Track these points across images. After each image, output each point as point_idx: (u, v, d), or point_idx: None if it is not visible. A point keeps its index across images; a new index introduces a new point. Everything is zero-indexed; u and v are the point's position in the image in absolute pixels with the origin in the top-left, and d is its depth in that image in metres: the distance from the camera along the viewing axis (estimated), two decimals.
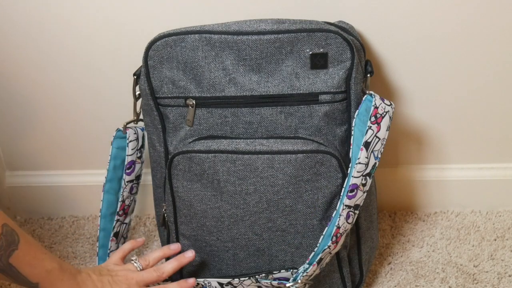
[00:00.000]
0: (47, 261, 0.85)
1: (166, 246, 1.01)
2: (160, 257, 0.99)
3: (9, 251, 0.80)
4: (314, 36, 0.93)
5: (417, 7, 1.06)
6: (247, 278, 0.98)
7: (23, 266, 0.82)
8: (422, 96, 1.15)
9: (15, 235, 0.82)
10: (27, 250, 0.83)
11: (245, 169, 0.95)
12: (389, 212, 1.27)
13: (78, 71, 1.17)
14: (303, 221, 0.98)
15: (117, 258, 0.99)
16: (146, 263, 0.97)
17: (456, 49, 1.10)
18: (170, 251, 1.00)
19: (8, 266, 0.81)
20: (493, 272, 1.12)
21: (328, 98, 0.95)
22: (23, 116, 1.23)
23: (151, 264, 0.97)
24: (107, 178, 1.07)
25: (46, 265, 0.85)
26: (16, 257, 0.81)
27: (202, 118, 0.98)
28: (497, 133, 1.19)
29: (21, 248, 0.82)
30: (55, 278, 0.86)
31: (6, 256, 0.80)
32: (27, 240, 0.83)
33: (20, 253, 0.82)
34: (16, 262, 0.81)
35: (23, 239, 0.82)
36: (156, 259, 0.99)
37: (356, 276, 1.07)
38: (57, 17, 1.11)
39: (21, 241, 0.82)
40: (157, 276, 0.95)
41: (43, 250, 0.86)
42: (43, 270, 0.84)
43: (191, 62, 0.96)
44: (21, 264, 0.82)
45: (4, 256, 0.80)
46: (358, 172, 0.92)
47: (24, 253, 0.82)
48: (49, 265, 0.85)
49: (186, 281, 0.96)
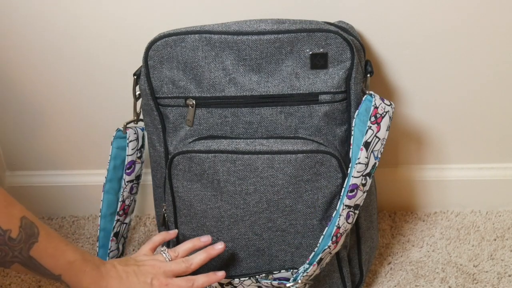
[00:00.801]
0: (69, 252, 0.84)
1: (197, 238, 0.98)
2: (190, 248, 0.97)
3: (29, 243, 0.80)
4: (314, 36, 0.93)
5: (417, 7, 1.06)
6: (247, 278, 0.98)
7: (44, 258, 0.81)
8: (422, 96, 1.15)
9: (35, 228, 0.81)
10: (47, 242, 0.82)
11: (245, 169, 0.95)
12: (389, 212, 1.27)
13: (78, 71, 1.17)
14: (303, 221, 0.98)
15: (147, 249, 0.97)
16: (175, 254, 0.95)
17: (456, 49, 1.10)
18: (200, 242, 0.97)
19: (29, 259, 0.80)
20: (493, 272, 1.12)
21: (328, 98, 0.95)
22: (23, 116, 1.23)
23: (180, 255, 0.95)
24: (107, 178, 1.07)
25: (69, 256, 0.84)
26: (37, 249, 0.80)
27: (202, 118, 0.98)
28: (497, 133, 1.19)
29: (42, 240, 0.81)
30: (78, 269, 0.84)
31: (26, 249, 0.80)
32: (48, 232, 0.82)
33: (41, 245, 0.81)
34: (37, 255, 0.80)
35: (43, 231, 0.81)
36: (186, 250, 0.96)
37: (356, 276, 1.07)
38: (57, 17, 1.11)
39: (41, 233, 0.81)
40: (185, 267, 0.93)
41: (65, 242, 0.84)
42: (65, 262, 0.83)
43: (191, 62, 0.96)
44: (42, 256, 0.81)
45: (24, 249, 0.79)
46: (358, 172, 0.92)
47: (44, 245, 0.81)
48: (71, 256, 0.84)
49: (215, 274, 0.94)
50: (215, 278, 0.94)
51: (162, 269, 0.91)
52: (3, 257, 0.79)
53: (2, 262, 0.80)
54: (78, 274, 0.85)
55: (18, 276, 1.18)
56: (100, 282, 0.86)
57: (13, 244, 0.78)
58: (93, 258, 0.88)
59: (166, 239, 1.00)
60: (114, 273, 0.88)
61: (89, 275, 0.85)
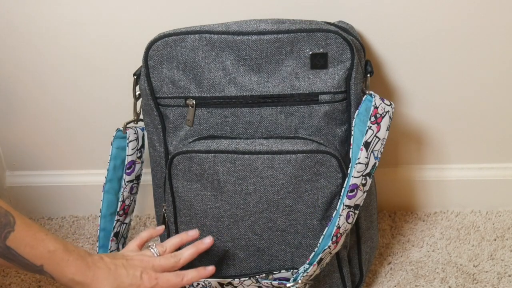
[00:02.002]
0: (49, 241, 0.81)
1: (184, 232, 0.96)
2: (178, 243, 0.95)
3: (4, 233, 0.77)
4: (314, 36, 0.93)
5: (417, 7, 1.06)
6: (247, 278, 0.98)
7: (23, 247, 0.79)
8: (422, 96, 1.15)
9: (10, 216, 0.79)
10: (25, 231, 0.79)
11: (245, 169, 0.95)
12: (389, 212, 1.27)
13: (78, 71, 1.17)
14: (303, 221, 0.98)
15: (134, 245, 0.94)
16: (163, 249, 0.92)
17: (456, 49, 1.10)
18: (188, 237, 0.95)
19: (7, 249, 0.78)
20: (493, 272, 1.12)
21: (328, 98, 0.95)
22: (23, 116, 1.23)
23: (168, 250, 0.93)
24: (107, 178, 1.07)
25: (49, 246, 0.81)
26: (14, 239, 0.78)
27: (202, 118, 0.98)
28: (497, 133, 1.19)
29: (19, 230, 0.78)
30: (60, 259, 0.81)
31: (2, 238, 0.77)
32: (25, 221, 0.80)
33: (18, 235, 0.78)
34: (14, 244, 0.78)
35: (20, 221, 0.79)
36: (174, 245, 0.94)
37: (356, 276, 1.07)
38: (57, 17, 1.11)
39: (18, 223, 0.79)
40: (174, 262, 0.91)
41: (44, 231, 0.81)
42: (45, 251, 0.80)
43: (191, 62, 0.96)
44: (20, 246, 0.79)
45: (0, 238, 0.77)
46: (358, 172, 0.92)
47: (22, 234, 0.79)
48: (52, 246, 0.81)
49: (205, 269, 0.92)
50: (204, 273, 0.92)
51: (151, 264, 0.89)
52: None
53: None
54: (61, 263, 0.82)
55: (18, 276, 1.18)
56: (86, 272, 0.83)
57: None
58: (78, 248, 0.85)
59: (153, 235, 0.98)
60: (102, 264, 0.85)
61: (73, 264, 0.82)
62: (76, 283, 0.83)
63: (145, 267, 0.88)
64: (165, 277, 0.89)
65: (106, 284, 0.84)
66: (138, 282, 0.86)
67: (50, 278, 0.83)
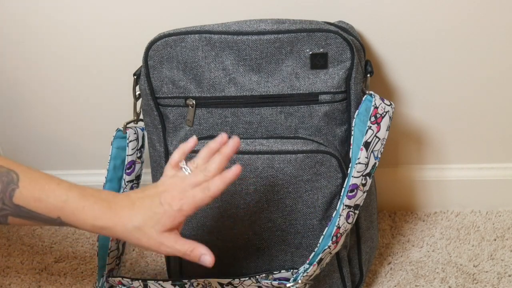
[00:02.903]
0: (61, 191, 0.77)
1: (212, 140, 0.86)
2: (207, 154, 0.86)
3: (8, 192, 0.75)
4: (314, 36, 0.93)
5: (417, 7, 1.06)
6: (247, 278, 0.98)
7: (32, 203, 0.76)
8: (422, 96, 1.15)
9: (13, 174, 0.76)
10: (30, 186, 0.76)
11: (245, 169, 0.95)
12: (389, 212, 1.27)
13: (78, 71, 1.17)
14: (303, 221, 0.98)
15: (169, 169, 0.86)
16: (194, 166, 0.85)
17: (456, 49, 1.10)
18: (216, 144, 0.86)
19: (17, 208, 0.76)
20: (493, 272, 1.12)
21: (328, 98, 0.95)
22: (23, 116, 1.23)
23: (199, 165, 0.85)
24: (107, 178, 1.07)
25: (60, 195, 0.77)
26: (20, 196, 0.75)
27: (202, 118, 0.98)
28: (497, 133, 1.19)
29: (23, 185, 0.76)
30: (74, 208, 0.77)
31: (7, 197, 0.75)
32: (30, 175, 0.77)
33: (23, 190, 0.76)
34: (23, 201, 0.76)
35: (24, 176, 0.76)
36: (204, 158, 0.85)
37: (356, 276, 1.07)
38: (57, 17, 1.11)
39: (21, 178, 0.76)
40: (203, 176, 0.82)
41: (56, 182, 0.78)
42: (57, 202, 0.77)
43: (191, 62, 0.96)
44: (29, 202, 0.76)
45: (6, 198, 0.75)
46: (358, 172, 0.92)
47: (27, 189, 0.76)
48: (64, 195, 0.77)
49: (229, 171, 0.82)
50: (230, 174, 0.81)
51: (179, 185, 0.82)
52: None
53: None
54: (75, 212, 0.78)
55: (18, 276, 1.18)
56: (107, 215, 0.79)
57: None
58: (98, 191, 0.81)
59: (186, 151, 0.87)
60: (126, 201, 0.81)
61: (90, 210, 0.78)
62: (100, 228, 0.79)
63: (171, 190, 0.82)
64: (190, 194, 0.81)
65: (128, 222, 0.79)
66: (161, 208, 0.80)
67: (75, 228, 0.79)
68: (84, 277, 1.17)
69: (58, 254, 1.22)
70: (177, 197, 0.81)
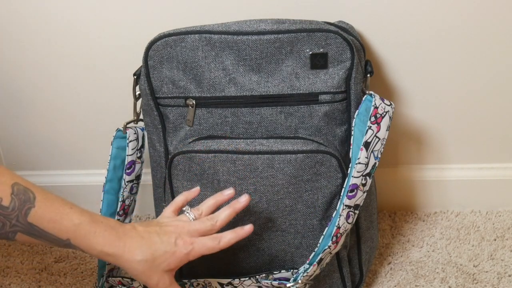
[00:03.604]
0: (74, 214, 0.79)
1: (219, 193, 0.91)
2: (213, 204, 0.90)
3: (24, 210, 0.76)
4: (314, 36, 0.93)
5: (417, 7, 1.06)
6: (247, 278, 0.98)
7: (46, 223, 0.77)
8: (422, 96, 1.15)
9: (30, 193, 0.77)
10: (46, 206, 0.78)
11: (245, 169, 0.95)
12: (389, 212, 1.27)
13: (78, 71, 1.17)
14: (303, 221, 0.98)
15: (169, 211, 0.90)
16: (199, 213, 0.88)
17: (456, 49, 1.10)
18: (224, 196, 0.90)
19: (30, 226, 0.77)
20: (493, 272, 1.12)
21: (328, 98, 0.95)
22: (23, 116, 1.23)
23: (204, 213, 0.89)
24: (107, 178, 1.07)
25: (73, 219, 0.79)
26: (35, 215, 0.77)
27: (202, 118, 0.98)
28: (497, 133, 1.19)
29: (39, 205, 0.77)
30: (86, 231, 0.79)
31: (22, 215, 0.76)
32: (47, 196, 0.79)
33: (39, 210, 0.77)
34: (36, 220, 0.77)
35: (40, 196, 0.78)
36: (209, 207, 0.89)
37: (356, 276, 1.07)
38: (57, 17, 1.11)
39: (38, 198, 0.77)
40: (211, 225, 0.86)
41: (69, 205, 0.80)
42: (70, 224, 0.78)
43: (191, 62, 0.96)
44: (42, 222, 0.77)
45: (21, 216, 0.76)
46: (358, 172, 0.92)
47: (43, 209, 0.77)
48: (76, 219, 0.79)
49: (242, 228, 0.87)
50: (242, 232, 0.87)
51: (186, 229, 0.85)
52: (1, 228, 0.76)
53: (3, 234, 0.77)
54: (87, 235, 0.80)
55: (18, 276, 1.18)
56: (116, 243, 0.81)
57: (7, 213, 0.76)
58: (107, 219, 0.83)
59: (188, 199, 0.92)
60: (134, 233, 0.82)
61: (101, 235, 0.80)
62: (106, 255, 0.81)
63: (180, 232, 0.84)
64: (200, 241, 0.85)
65: (139, 253, 0.82)
66: (173, 248, 0.83)
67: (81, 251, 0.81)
68: (84, 277, 1.17)
69: (58, 254, 1.22)
70: (188, 241, 0.84)
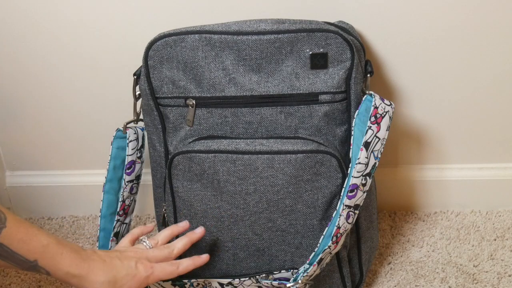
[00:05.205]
0: (42, 236, 0.81)
1: (175, 225, 0.99)
2: (169, 235, 0.97)
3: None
4: (314, 36, 0.93)
5: (417, 8, 1.06)
6: (247, 278, 0.98)
7: (16, 243, 0.79)
8: (422, 96, 1.15)
9: (1, 214, 0.78)
10: (16, 227, 0.79)
11: (245, 169, 0.95)
12: (389, 212, 1.27)
13: (78, 71, 1.17)
14: (303, 221, 0.98)
15: (126, 241, 0.95)
16: (155, 242, 0.94)
17: (456, 49, 1.10)
18: (179, 228, 0.98)
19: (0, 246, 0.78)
20: (493, 272, 1.12)
21: (328, 98, 0.95)
22: (23, 116, 1.23)
23: (160, 242, 0.95)
24: (107, 178, 1.07)
25: (41, 240, 0.81)
26: (6, 235, 0.78)
27: (202, 118, 0.98)
28: (497, 133, 1.19)
29: (10, 226, 0.78)
30: (54, 252, 0.81)
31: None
32: (16, 218, 0.80)
33: (9, 231, 0.78)
34: (7, 241, 0.78)
35: (11, 217, 0.79)
36: (166, 237, 0.96)
37: (356, 276, 1.07)
38: (57, 17, 1.11)
39: (9, 219, 0.79)
40: (168, 253, 0.92)
41: (36, 227, 0.81)
42: (38, 245, 0.80)
43: (191, 62, 0.96)
44: (12, 242, 0.78)
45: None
46: (358, 172, 0.92)
47: (14, 230, 0.79)
48: (44, 240, 0.81)
49: (199, 257, 0.94)
50: (199, 261, 0.93)
51: (145, 255, 0.90)
52: None
53: None
54: (55, 256, 0.81)
55: (18, 276, 1.18)
56: (81, 264, 0.83)
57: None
58: (70, 243, 0.85)
59: (144, 232, 0.98)
60: (96, 256, 0.85)
61: (67, 257, 0.82)
62: (72, 276, 0.83)
63: (139, 257, 0.89)
64: (160, 266, 0.90)
65: (102, 275, 0.84)
66: (133, 271, 0.87)
67: (45, 274, 0.83)
68: None
69: None
70: (149, 266, 0.89)
